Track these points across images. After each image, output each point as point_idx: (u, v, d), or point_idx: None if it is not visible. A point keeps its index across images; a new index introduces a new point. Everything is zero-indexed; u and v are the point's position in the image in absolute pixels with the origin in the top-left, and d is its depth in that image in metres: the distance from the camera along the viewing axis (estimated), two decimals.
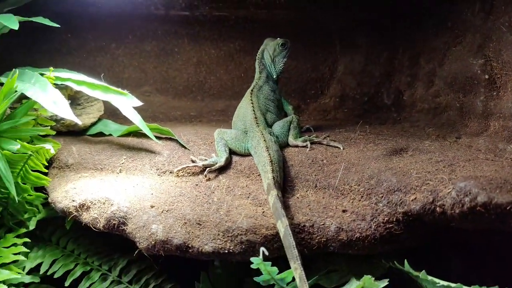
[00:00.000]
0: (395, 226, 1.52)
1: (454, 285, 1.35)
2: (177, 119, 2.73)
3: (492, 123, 1.91)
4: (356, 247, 1.53)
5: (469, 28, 2.09)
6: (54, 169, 2.18)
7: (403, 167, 1.69)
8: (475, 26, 2.05)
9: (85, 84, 2.13)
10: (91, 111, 2.47)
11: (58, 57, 2.82)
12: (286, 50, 2.30)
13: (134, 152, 2.19)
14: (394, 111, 2.63)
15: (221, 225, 1.57)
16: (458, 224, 1.42)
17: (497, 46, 1.90)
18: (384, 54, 2.72)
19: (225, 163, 1.98)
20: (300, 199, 1.72)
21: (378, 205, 1.57)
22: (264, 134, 1.94)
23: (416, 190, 1.52)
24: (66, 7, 2.68)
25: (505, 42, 1.85)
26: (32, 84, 2.01)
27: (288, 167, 1.88)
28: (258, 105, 2.14)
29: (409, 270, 1.49)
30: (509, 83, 1.83)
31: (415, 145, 1.93)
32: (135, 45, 2.92)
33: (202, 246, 1.52)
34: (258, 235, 1.55)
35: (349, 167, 1.78)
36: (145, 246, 1.59)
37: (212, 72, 2.93)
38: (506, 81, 1.85)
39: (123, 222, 1.70)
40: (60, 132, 2.37)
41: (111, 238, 2.22)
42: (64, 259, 2.20)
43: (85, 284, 2.12)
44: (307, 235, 1.58)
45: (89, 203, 1.82)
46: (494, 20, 1.91)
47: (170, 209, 1.68)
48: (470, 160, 1.67)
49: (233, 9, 2.81)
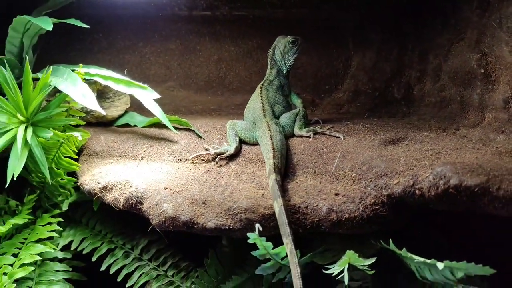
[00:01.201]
0: (381, 207, 1.65)
1: (429, 261, 1.47)
2: (198, 112, 2.90)
3: (487, 115, 1.99)
4: (345, 226, 1.67)
5: (468, 24, 2.16)
6: (84, 156, 2.40)
7: (394, 155, 1.81)
8: (473, 23, 2.12)
9: (111, 79, 2.35)
10: (118, 104, 2.68)
11: (90, 55, 3.01)
12: (296, 47, 2.41)
13: (155, 141, 2.39)
14: (404, 104, 2.71)
15: (223, 204, 1.75)
16: (435, 205, 1.54)
17: (490, 42, 1.98)
18: (394, 51, 2.80)
19: (235, 151, 2.14)
20: (299, 184, 1.87)
21: (367, 188, 1.71)
22: (270, 125, 2.10)
23: (400, 175, 1.65)
24: (98, 10, 2.87)
25: (496, 38, 1.93)
26: (65, 79, 2.22)
27: (291, 155, 2.04)
28: (267, 98, 2.30)
29: (393, 249, 1.62)
30: (501, 77, 1.91)
31: (412, 136, 2.05)
32: (161, 43, 3.07)
33: (205, 223, 1.70)
34: (256, 214, 1.71)
35: (345, 155, 1.92)
36: (157, 222, 1.78)
37: (232, 68, 3.07)
38: (499, 75, 1.93)
39: (139, 202, 1.90)
40: (91, 123, 2.59)
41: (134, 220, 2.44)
42: (92, 238, 2.42)
43: (110, 260, 2.34)
44: (302, 216, 1.73)
45: (112, 185, 2.03)
46: (489, 17, 1.98)
47: (181, 190, 1.86)
48: (457, 149, 1.78)
49: (251, 8, 2.93)
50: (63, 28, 2.38)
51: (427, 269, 1.55)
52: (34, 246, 2.27)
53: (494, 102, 1.93)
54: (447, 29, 2.37)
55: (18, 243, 2.31)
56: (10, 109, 2.11)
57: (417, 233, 1.85)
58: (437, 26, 2.47)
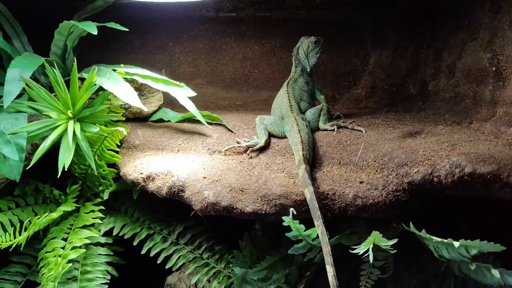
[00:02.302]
0: (402, 194, 1.84)
1: (446, 240, 1.66)
2: (225, 108, 3.06)
3: (498, 110, 2.16)
4: (370, 211, 1.86)
5: (481, 25, 2.32)
6: (124, 149, 2.59)
7: (413, 146, 1.99)
8: (485, 24, 2.28)
9: (149, 78, 2.53)
10: (152, 101, 2.87)
11: (124, 55, 3.18)
12: (319, 46, 2.57)
13: (189, 135, 2.57)
14: (419, 100, 2.87)
15: (259, 191, 1.94)
16: (451, 191, 1.71)
17: (501, 42, 2.14)
18: (410, 49, 2.95)
19: (265, 144, 2.32)
20: (326, 173, 2.06)
21: (389, 177, 1.89)
22: (297, 119, 2.28)
23: (419, 164, 1.83)
24: (131, 13, 3.03)
25: (507, 39, 2.09)
26: (107, 78, 2.40)
27: (317, 147, 2.22)
28: (293, 95, 2.48)
29: (413, 230, 1.80)
30: None
31: (429, 129, 2.22)
32: (189, 43, 3.22)
33: (244, 208, 1.90)
34: (289, 199, 1.91)
35: (368, 147, 2.10)
36: (199, 208, 1.98)
37: (256, 66, 3.21)
38: (509, 73, 2.09)
39: (181, 190, 2.09)
40: (128, 118, 2.77)
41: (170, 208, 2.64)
42: (132, 224, 2.62)
43: (149, 244, 2.54)
44: (330, 201, 1.92)
45: (154, 175, 2.22)
46: (500, 19, 2.14)
47: (219, 179, 2.06)
48: (471, 141, 1.95)
49: (274, 10, 3.06)
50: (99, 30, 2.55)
51: (444, 248, 1.73)
52: (81, 231, 2.48)
53: (505, 98, 2.09)
54: (460, 29, 2.52)
55: (66, 229, 2.52)
56: (59, 106, 2.30)
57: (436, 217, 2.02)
58: (451, 26, 2.63)
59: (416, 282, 2.16)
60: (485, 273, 1.78)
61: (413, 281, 2.16)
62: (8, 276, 2.50)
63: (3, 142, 2.15)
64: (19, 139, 2.22)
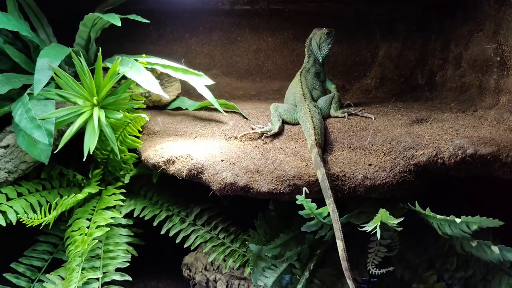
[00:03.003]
0: (408, 175, 1.96)
1: (449, 217, 1.78)
2: (239, 97, 3.17)
3: (502, 98, 2.26)
4: (378, 191, 1.98)
5: (487, 17, 2.41)
6: (144, 135, 2.71)
7: (419, 131, 2.11)
8: (490, 16, 2.38)
9: (170, 67, 2.66)
10: (171, 90, 2.99)
11: (142, 46, 3.29)
12: (331, 38, 2.67)
13: (206, 122, 2.70)
14: (427, 90, 2.97)
15: (274, 173, 2.07)
16: (454, 172, 1.83)
17: (506, 33, 2.24)
18: (418, 40, 3.05)
19: (279, 130, 2.44)
20: (337, 157, 2.18)
21: (396, 159, 2.02)
22: (310, 107, 2.40)
23: (425, 147, 1.94)
24: (149, 5, 3.15)
25: (511, 30, 2.20)
26: (130, 67, 2.53)
27: (329, 133, 2.34)
28: (306, 84, 2.59)
29: (418, 209, 1.92)
30: None
31: (435, 116, 2.33)
32: (205, 35, 3.33)
33: (260, 188, 2.03)
34: (302, 180, 2.03)
35: (376, 132, 2.22)
36: (217, 188, 2.11)
37: (269, 57, 3.31)
38: None
39: (201, 172, 2.22)
40: (148, 106, 2.88)
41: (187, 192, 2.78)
42: (151, 207, 2.76)
43: (168, 225, 2.68)
44: (340, 182, 2.04)
45: (175, 158, 2.35)
46: (504, 11, 2.24)
47: (236, 162, 2.18)
48: (475, 126, 2.07)
49: (287, 3, 3.17)
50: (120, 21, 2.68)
51: (447, 225, 1.85)
52: (104, 212, 2.63)
53: (508, 86, 2.19)
54: (467, 22, 2.62)
55: (89, 210, 2.67)
56: (85, 94, 2.44)
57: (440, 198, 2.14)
58: (458, 19, 2.72)
59: (420, 261, 2.28)
60: (485, 250, 1.90)
61: (418, 260, 2.28)
62: (36, 254, 2.65)
63: (34, 127, 2.29)
64: (48, 124, 2.36)
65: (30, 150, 2.36)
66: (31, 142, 2.36)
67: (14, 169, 2.58)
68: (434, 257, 2.27)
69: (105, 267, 2.52)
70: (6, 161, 2.56)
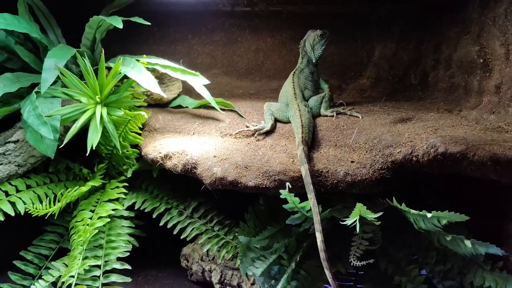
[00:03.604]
0: (386, 172, 2.06)
1: (421, 212, 1.88)
2: (239, 96, 3.28)
3: (484, 99, 2.33)
4: (358, 187, 2.09)
5: (472, 20, 2.49)
6: (145, 132, 2.85)
7: (401, 130, 2.20)
8: (475, 19, 2.44)
9: (169, 67, 2.80)
10: (172, 89, 3.13)
11: (146, 46, 3.42)
12: (324, 39, 2.74)
13: (203, 120, 2.82)
14: (419, 89, 3.05)
15: (261, 168, 2.19)
16: (428, 169, 1.93)
17: (487, 36, 2.31)
18: (412, 41, 3.11)
19: (271, 128, 2.55)
20: (322, 154, 2.29)
21: (376, 157, 2.12)
22: (300, 106, 2.51)
23: (402, 146, 2.04)
24: (153, 7, 3.28)
25: (491, 34, 2.25)
26: (131, 67, 2.68)
27: (317, 131, 2.45)
28: (298, 84, 2.69)
29: (395, 204, 2.02)
30: (495, 66, 2.24)
31: (419, 116, 2.42)
32: (207, 36, 3.45)
33: (247, 182, 2.15)
34: (287, 176, 2.15)
35: (361, 131, 2.32)
36: (208, 182, 2.23)
37: (268, 57, 3.41)
38: (494, 65, 2.25)
39: (194, 167, 2.35)
40: (150, 104, 3.04)
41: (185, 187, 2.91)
42: (151, 200, 2.90)
43: (167, 217, 2.81)
44: (324, 178, 2.15)
45: (171, 154, 2.49)
46: (486, 14, 2.31)
47: (227, 158, 2.31)
48: (454, 126, 2.15)
49: (285, 4, 3.27)
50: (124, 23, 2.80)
51: (421, 219, 1.95)
52: (106, 204, 2.78)
53: (489, 87, 2.27)
54: (456, 24, 2.69)
55: (93, 202, 2.82)
56: (89, 92, 2.58)
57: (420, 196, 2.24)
58: (449, 20, 2.79)
59: (403, 255, 2.38)
60: (459, 244, 1.99)
61: (400, 254, 2.38)
62: (44, 243, 2.82)
63: (41, 123, 2.44)
64: (54, 121, 2.52)
65: (37, 145, 2.52)
66: (38, 137, 2.52)
67: (24, 162, 2.74)
68: (416, 252, 2.37)
69: (107, 256, 2.67)
70: (16, 155, 2.72)
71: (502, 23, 2.14)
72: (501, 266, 2.08)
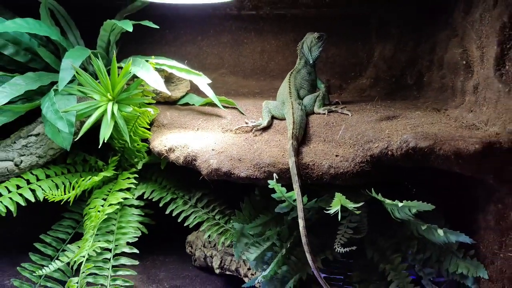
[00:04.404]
0: (366, 165, 2.23)
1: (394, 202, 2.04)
2: (244, 94, 3.45)
3: (466, 98, 2.45)
4: (341, 178, 2.26)
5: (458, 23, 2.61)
6: (154, 127, 3.07)
7: (383, 127, 2.36)
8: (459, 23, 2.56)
9: (175, 68, 3.02)
10: (181, 87, 3.34)
11: (159, 47, 3.62)
12: (321, 42, 2.88)
13: (207, 116, 3.02)
14: (415, 89, 3.16)
15: (253, 161, 2.37)
16: (402, 163, 2.08)
17: (468, 39, 2.44)
18: (410, 43, 3.22)
19: (267, 125, 2.74)
20: (311, 148, 2.47)
21: (357, 151, 2.28)
22: (293, 104, 2.68)
23: (380, 141, 2.20)
24: (166, 10, 3.47)
25: (470, 37, 2.38)
26: (141, 67, 2.90)
27: (309, 128, 2.62)
28: (294, 84, 2.86)
29: (374, 195, 2.19)
30: (474, 68, 2.38)
31: (405, 114, 2.56)
32: (215, 38, 3.62)
33: (239, 173, 2.34)
34: (276, 167, 2.33)
35: (348, 127, 2.48)
36: (205, 173, 2.44)
37: (272, 58, 3.57)
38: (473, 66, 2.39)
39: (194, 159, 2.56)
40: (159, 102, 3.25)
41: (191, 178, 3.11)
42: (159, 190, 3.13)
43: (173, 206, 3.03)
44: (310, 170, 2.33)
45: (174, 147, 2.70)
46: (467, 19, 2.43)
47: (223, 151, 2.50)
48: (432, 123, 2.30)
49: (288, 8, 3.41)
50: (138, 26, 3.02)
51: (396, 209, 2.11)
52: (117, 193, 3.01)
53: (469, 87, 2.40)
54: (446, 26, 2.81)
55: (106, 191, 3.06)
56: (102, 90, 2.82)
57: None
58: (441, 23, 2.93)
59: (388, 245, 2.54)
60: (434, 233, 2.15)
61: (386, 243, 2.54)
62: (61, 228, 3.09)
63: (58, 118, 2.69)
64: (70, 116, 2.77)
65: (55, 138, 2.78)
66: (56, 131, 2.77)
67: (44, 154, 3.01)
68: (400, 241, 2.52)
69: (117, 241, 2.92)
70: (37, 147, 2.99)
71: (478, 27, 2.28)
72: (472, 254, 2.22)
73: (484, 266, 2.15)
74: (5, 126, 2.89)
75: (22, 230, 3.34)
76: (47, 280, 2.86)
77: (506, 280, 2.03)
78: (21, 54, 3.12)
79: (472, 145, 1.88)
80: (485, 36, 2.16)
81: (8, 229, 3.34)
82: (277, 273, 2.48)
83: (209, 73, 3.52)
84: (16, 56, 3.11)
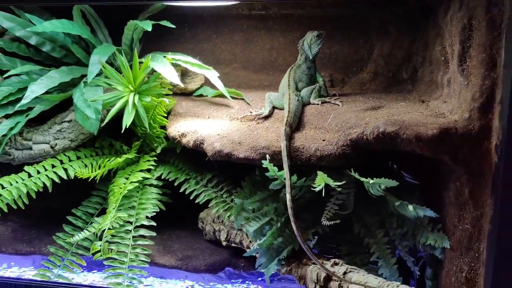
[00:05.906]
0: (346, 148, 2.54)
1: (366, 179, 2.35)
2: (254, 87, 3.78)
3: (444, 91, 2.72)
4: (326, 160, 2.58)
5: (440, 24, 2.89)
6: (171, 115, 3.44)
7: (366, 116, 2.66)
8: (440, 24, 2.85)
9: (189, 63, 3.39)
10: (196, 80, 3.71)
11: (178, 44, 3.94)
12: (320, 39, 3.16)
13: (218, 106, 3.39)
14: (409, 83, 3.42)
15: (251, 144, 2.72)
16: (375, 146, 2.38)
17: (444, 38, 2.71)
18: (406, 40, 3.48)
19: (268, 114, 3.07)
20: (304, 134, 2.80)
21: (341, 136, 2.60)
22: (291, 95, 3.00)
23: (358, 127, 2.51)
24: (185, 11, 3.84)
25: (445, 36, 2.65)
26: (158, 62, 3.29)
27: (304, 116, 2.95)
28: (293, 77, 3.17)
29: (353, 174, 2.50)
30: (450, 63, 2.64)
31: (390, 105, 2.85)
32: (228, 35, 3.92)
33: (238, 154, 2.70)
34: (270, 150, 2.67)
35: (336, 116, 2.79)
36: (210, 154, 2.80)
37: (280, 54, 3.85)
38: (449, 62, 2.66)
39: (202, 143, 2.92)
40: (177, 93, 3.62)
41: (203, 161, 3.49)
42: (175, 171, 3.50)
43: (186, 186, 3.40)
44: (300, 153, 2.66)
45: (186, 132, 3.08)
46: (444, 20, 2.70)
47: (227, 135, 2.86)
48: (409, 112, 2.58)
49: (295, 8, 3.68)
50: (158, 25, 3.41)
51: (370, 186, 2.42)
52: (138, 173, 3.41)
53: (445, 81, 2.65)
54: (434, 25, 3.06)
55: (128, 172, 3.46)
56: (125, 82, 3.22)
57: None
58: (431, 23, 3.18)
59: (374, 221, 2.84)
60: (406, 208, 2.44)
61: (372, 220, 2.84)
62: (90, 204, 3.52)
63: (86, 106, 3.12)
64: (97, 104, 3.18)
65: (84, 124, 3.20)
66: (85, 117, 3.19)
67: (75, 138, 3.44)
68: (384, 218, 2.82)
69: (137, 215, 3.32)
70: (69, 132, 3.42)
71: (449, 27, 2.54)
72: (439, 228, 2.51)
73: (448, 238, 2.44)
74: (43, 114, 3.36)
75: (57, 206, 3.81)
76: (78, 248, 3.30)
77: (463, 249, 2.31)
78: (57, 51, 3.57)
79: (430, 130, 2.17)
80: (453, 35, 2.43)
81: (46, 205, 3.81)
82: (273, 243, 2.82)
83: (223, 67, 3.90)
84: (52, 52, 3.56)
